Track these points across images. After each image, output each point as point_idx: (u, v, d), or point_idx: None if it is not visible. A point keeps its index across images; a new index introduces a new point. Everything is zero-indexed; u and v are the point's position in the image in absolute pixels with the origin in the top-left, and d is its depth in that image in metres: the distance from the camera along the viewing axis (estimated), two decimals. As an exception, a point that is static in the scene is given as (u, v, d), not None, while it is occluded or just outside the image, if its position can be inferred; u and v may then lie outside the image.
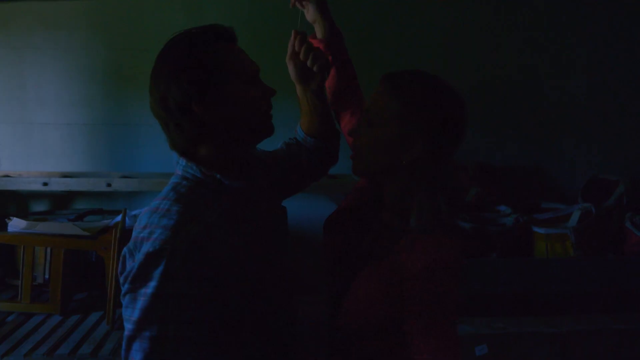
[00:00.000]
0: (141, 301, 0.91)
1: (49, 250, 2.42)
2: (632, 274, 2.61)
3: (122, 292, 0.95)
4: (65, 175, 2.72)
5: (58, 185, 2.58)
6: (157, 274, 0.91)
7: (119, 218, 2.45)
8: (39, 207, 3.01)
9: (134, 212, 2.85)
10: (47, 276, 2.50)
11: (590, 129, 3.20)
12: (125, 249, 0.99)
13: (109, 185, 2.55)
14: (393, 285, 1.04)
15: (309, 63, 1.20)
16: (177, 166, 1.09)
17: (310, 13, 1.29)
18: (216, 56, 1.02)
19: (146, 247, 0.93)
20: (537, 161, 3.20)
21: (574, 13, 3.12)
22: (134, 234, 0.99)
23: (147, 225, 0.98)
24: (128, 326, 0.94)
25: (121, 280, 0.96)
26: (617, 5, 3.12)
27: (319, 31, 1.34)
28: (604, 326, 2.20)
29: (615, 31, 3.15)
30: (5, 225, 2.49)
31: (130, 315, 0.93)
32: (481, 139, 3.13)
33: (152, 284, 0.91)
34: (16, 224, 2.43)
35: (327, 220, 1.28)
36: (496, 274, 2.62)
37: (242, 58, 1.07)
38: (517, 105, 3.16)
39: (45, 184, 2.56)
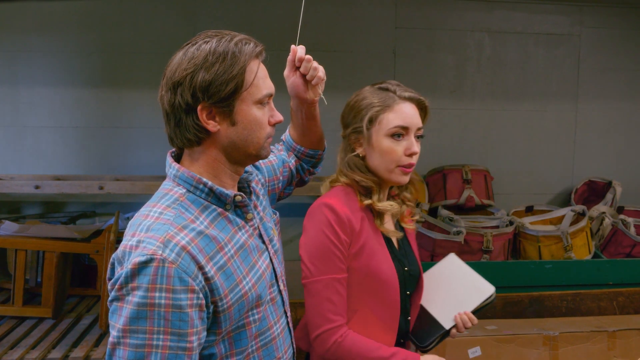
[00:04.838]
0: (127, 309, 0.91)
1: (41, 253, 2.41)
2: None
3: (109, 298, 0.95)
4: (58, 178, 2.72)
5: (50, 188, 2.57)
6: (144, 283, 0.91)
7: (111, 221, 2.44)
8: (31, 210, 3.00)
9: (127, 215, 2.85)
10: (39, 279, 2.49)
11: (581, 132, 3.22)
12: (114, 256, 0.98)
13: (101, 188, 2.55)
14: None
15: (308, 76, 1.22)
16: (168, 172, 1.09)
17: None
18: (237, 69, 1.01)
19: (134, 256, 0.92)
20: (531, 164, 3.22)
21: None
22: (123, 241, 0.98)
23: (136, 233, 0.97)
24: (113, 333, 0.93)
25: (109, 286, 0.96)
26: None
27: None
28: (595, 328, 2.21)
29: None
30: (-3, 229, 2.48)
31: (116, 322, 0.92)
32: (476, 141, 3.15)
33: (139, 293, 0.91)
34: (8, 227, 2.42)
35: None
36: (488, 275, 2.62)
37: (260, 77, 1.06)
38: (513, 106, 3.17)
39: (37, 187, 2.55)
